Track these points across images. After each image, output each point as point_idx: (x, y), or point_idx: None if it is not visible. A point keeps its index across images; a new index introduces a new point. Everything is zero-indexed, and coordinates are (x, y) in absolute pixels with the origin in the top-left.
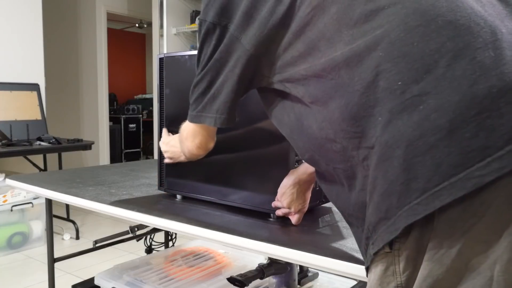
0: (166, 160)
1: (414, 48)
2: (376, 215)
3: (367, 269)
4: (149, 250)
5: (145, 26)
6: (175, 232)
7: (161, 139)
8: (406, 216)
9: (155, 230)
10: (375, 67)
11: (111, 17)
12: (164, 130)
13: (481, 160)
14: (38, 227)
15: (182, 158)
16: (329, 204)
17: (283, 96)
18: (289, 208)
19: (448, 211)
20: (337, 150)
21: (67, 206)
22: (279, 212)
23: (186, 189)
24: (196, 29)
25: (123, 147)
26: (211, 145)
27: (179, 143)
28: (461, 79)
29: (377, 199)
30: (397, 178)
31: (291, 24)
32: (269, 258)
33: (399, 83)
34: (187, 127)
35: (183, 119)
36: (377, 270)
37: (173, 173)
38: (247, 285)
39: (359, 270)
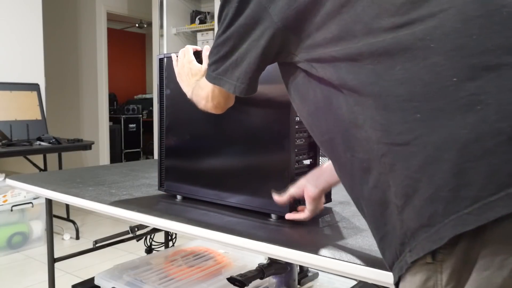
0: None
1: (473, 41)
2: (417, 220)
3: (400, 277)
4: (149, 250)
5: (145, 26)
6: (175, 232)
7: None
8: (454, 225)
9: (155, 230)
10: (423, 59)
11: (111, 17)
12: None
13: None
14: (38, 227)
15: (186, 91)
16: (329, 204)
17: (308, 70)
18: (314, 207)
19: (503, 224)
20: (361, 138)
21: (67, 206)
22: (292, 216)
23: (186, 189)
24: (196, 29)
25: (123, 147)
26: (229, 105)
27: (192, 88)
28: None
29: (419, 204)
30: (445, 183)
31: (326, 2)
32: (269, 258)
33: (454, 79)
34: (205, 87)
35: (184, 119)
36: (415, 279)
37: (174, 174)
38: (247, 285)
39: (359, 270)
